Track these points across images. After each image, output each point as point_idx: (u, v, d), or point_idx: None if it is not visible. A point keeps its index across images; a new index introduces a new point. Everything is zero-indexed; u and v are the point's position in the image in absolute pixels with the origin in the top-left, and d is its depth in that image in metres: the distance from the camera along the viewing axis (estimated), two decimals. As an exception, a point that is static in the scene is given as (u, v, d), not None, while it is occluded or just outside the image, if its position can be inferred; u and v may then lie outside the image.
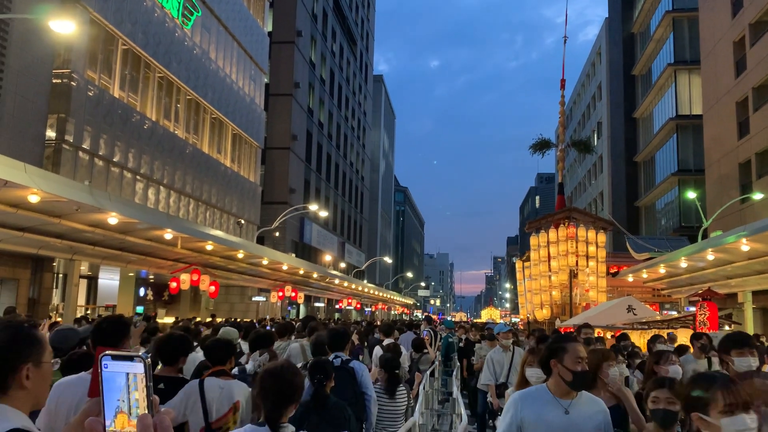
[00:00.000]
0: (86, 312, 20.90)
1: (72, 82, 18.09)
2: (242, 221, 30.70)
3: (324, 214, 42.43)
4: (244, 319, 20.77)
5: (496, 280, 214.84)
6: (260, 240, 31.61)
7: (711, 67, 31.41)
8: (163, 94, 24.12)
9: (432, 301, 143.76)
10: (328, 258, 44.67)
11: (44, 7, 15.27)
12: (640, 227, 44.18)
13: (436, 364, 12.65)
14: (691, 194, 26.19)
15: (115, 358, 1.04)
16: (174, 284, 19.87)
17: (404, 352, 8.99)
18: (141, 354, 1.05)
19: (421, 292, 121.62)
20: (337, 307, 46.65)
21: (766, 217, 15.31)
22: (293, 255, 32.95)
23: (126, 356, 1.05)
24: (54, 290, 18.56)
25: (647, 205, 44.12)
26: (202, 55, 26.81)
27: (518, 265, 26.76)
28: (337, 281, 34.03)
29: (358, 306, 48.63)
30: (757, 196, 23.56)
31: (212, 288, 21.07)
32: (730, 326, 15.31)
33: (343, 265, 49.90)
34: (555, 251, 22.27)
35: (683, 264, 18.19)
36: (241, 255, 20.22)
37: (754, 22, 26.77)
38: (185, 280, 19.63)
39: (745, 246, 14.10)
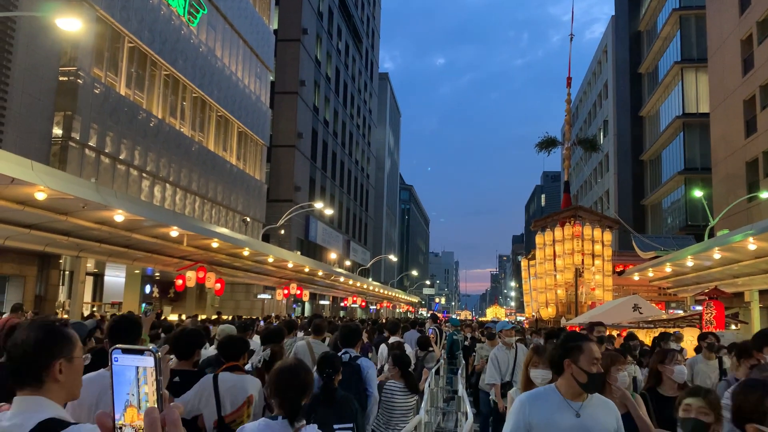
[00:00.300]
0: (93, 309, 20.99)
1: (78, 80, 18.14)
2: (248, 219, 30.74)
3: (329, 212, 42.43)
4: (252, 317, 20.86)
5: (501, 279, 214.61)
6: (266, 238, 31.63)
7: (718, 65, 31.25)
8: (169, 91, 24.16)
9: (437, 299, 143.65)
10: (333, 256, 44.69)
11: (51, 5, 15.29)
12: (647, 226, 44.04)
13: (442, 362, 12.66)
14: (698, 193, 26.06)
15: (126, 351, 1.04)
16: (180, 281, 19.93)
17: (409, 350, 8.99)
18: (151, 347, 1.04)
19: (426, 291, 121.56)
20: (342, 305, 46.68)
21: (773, 216, 15.23)
22: (298, 253, 32.99)
23: (136, 350, 1.04)
24: (60, 287, 18.62)
25: (653, 204, 43.96)
26: (208, 53, 26.84)
27: (524, 263, 26.78)
28: (342, 279, 34.04)
29: (363, 304, 48.66)
30: (765, 195, 23.47)
31: (218, 285, 21.10)
32: (737, 325, 15.24)
33: (348, 263, 49.91)
34: (560, 250, 22.25)
35: (689, 263, 18.11)
36: (246, 253, 20.23)
37: (762, 20, 26.61)
38: (191, 277, 19.67)
39: (752, 245, 14.02)
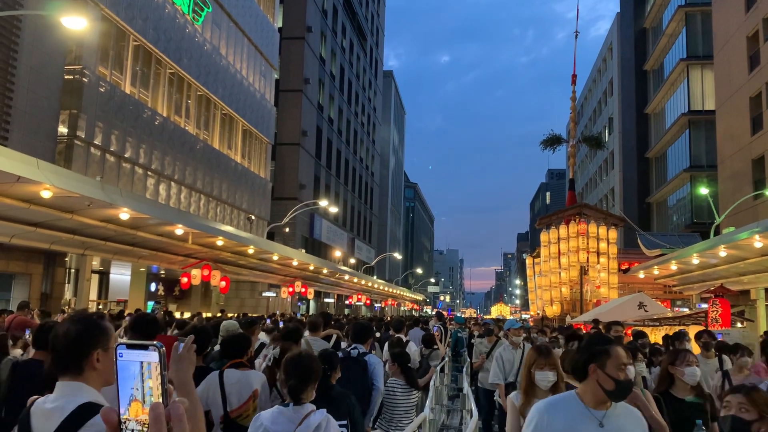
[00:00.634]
0: (98, 307, 21.08)
1: (84, 78, 18.20)
2: (252, 217, 30.79)
3: (334, 210, 42.46)
4: (260, 315, 20.87)
5: (506, 277, 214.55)
6: (270, 236, 31.68)
7: (724, 62, 31.10)
8: (174, 90, 24.21)
9: (441, 297, 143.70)
10: (337, 254, 44.72)
11: (56, 4, 15.33)
12: (652, 223, 43.89)
13: (446, 360, 12.66)
14: (704, 190, 25.97)
15: (130, 347, 1.04)
16: (185, 279, 20.00)
17: (414, 348, 9.00)
18: (155, 343, 1.04)
19: (431, 288, 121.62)
20: (347, 302, 46.74)
21: (779, 214, 15.16)
22: (303, 251, 33.01)
23: (141, 345, 1.04)
24: (66, 285, 18.72)
25: (659, 202, 43.82)
26: (213, 51, 26.88)
27: (529, 261, 26.75)
28: (347, 277, 34.09)
29: (368, 302, 48.70)
30: (771, 193, 23.35)
31: (223, 283, 21.16)
32: (743, 323, 15.20)
33: (352, 261, 49.94)
34: (565, 247, 22.21)
35: (695, 260, 18.05)
36: (251, 251, 20.28)
37: (768, 17, 26.48)
38: (196, 275, 19.73)
39: (758, 242, 13.95)
